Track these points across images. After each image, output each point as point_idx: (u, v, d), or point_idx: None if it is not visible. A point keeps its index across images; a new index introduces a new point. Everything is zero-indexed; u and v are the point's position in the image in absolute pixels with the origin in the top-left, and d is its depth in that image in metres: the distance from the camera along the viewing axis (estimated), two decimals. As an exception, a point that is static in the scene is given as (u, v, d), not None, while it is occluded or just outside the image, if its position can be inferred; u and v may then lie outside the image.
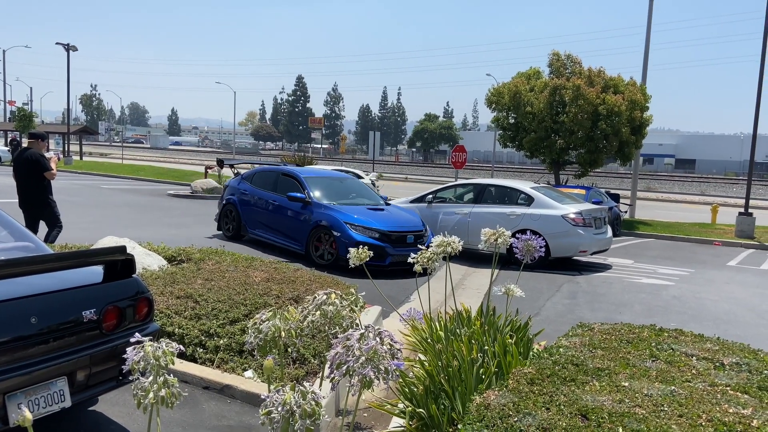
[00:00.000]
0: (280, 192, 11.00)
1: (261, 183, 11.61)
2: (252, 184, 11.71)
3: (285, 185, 11.06)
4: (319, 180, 11.31)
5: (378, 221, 10.03)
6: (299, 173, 11.26)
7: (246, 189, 11.68)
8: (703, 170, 74.64)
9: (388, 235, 9.79)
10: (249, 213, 11.45)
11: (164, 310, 5.31)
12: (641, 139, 21.21)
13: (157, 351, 1.93)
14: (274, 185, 11.31)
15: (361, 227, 9.79)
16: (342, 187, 11.61)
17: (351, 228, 9.75)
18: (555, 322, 7.20)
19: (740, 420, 2.72)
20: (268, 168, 12.38)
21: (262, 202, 11.23)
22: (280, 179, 11.30)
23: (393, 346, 1.97)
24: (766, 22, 17.55)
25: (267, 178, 11.64)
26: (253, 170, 12.22)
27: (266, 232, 10.99)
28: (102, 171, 32.55)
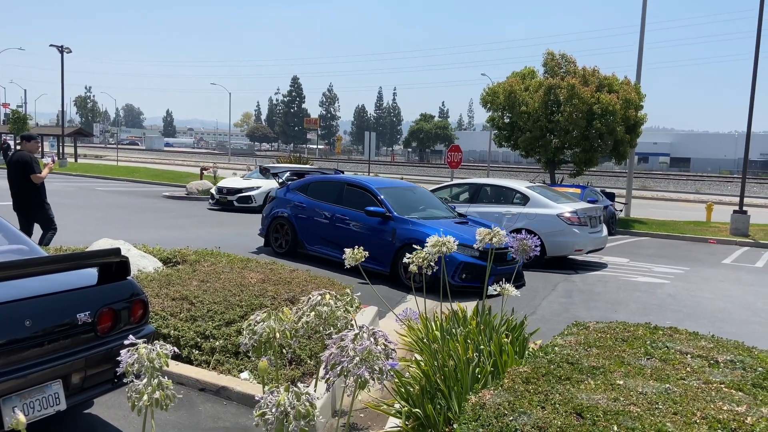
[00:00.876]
0: (348, 205, 9.94)
1: (320, 194, 10.50)
2: (308, 195, 10.62)
3: (352, 197, 10.00)
4: (393, 191, 10.27)
5: (469, 237, 9.00)
6: (371, 184, 10.21)
7: (301, 201, 10.56)
8: (698, 169, 74.89)
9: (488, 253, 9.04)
10: (307, 227, 10.36)
11: (159, 312, 5.30)
12: (636, 138, 21.27)
13: (151, 353, 1.93)
14: (337, 197, 10.22)
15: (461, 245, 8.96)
16: (414, 198, 10.60)
17: None
18: (551, 321, 7.21)
19: (734, 417, 2.74)
20: (327, 178, 11.19)
21: (324, 216, 10.14)
22: (346, 190, 10.21)
23: (387, 346, 1.98)
24: (759, 20, 17.62)
25: (327, 189, 10.53)
26: (305, 180, 11.08)
27: (332, 249, 9.85)
28: (97, 173, 32.46)
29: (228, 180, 20.91)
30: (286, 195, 11.01)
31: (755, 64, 17.92)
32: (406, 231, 9.13)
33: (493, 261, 8.47)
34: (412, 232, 9.05)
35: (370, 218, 9.47)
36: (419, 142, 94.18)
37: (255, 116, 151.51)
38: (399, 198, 10.07)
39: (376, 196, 9.77)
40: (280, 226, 10.81)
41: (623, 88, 20.57)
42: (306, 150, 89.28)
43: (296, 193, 10.87)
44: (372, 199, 9.72)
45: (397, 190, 10.53)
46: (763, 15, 17.53)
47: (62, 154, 42.16)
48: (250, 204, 18.86)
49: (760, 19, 17.61)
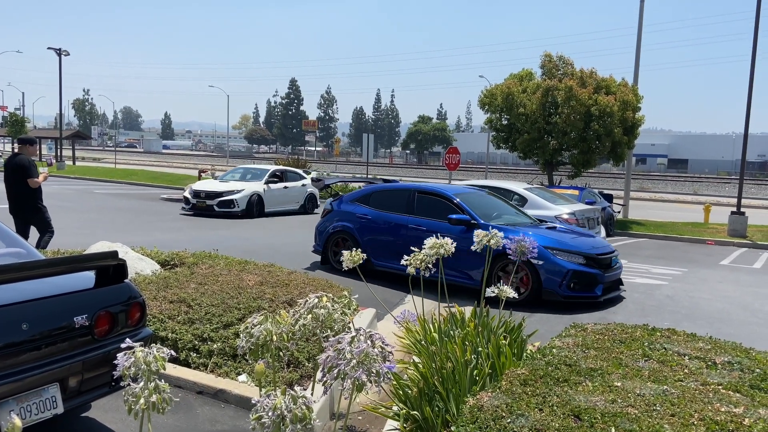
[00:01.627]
0: (421, 214, 9.20)
1: (385, 205, 9.70)
2: (371, 206, 9.81)
3: (426, 206, 9.29)
4: (468, 197, 9.50)
5: (576, 243, 8.41)
6: (446, 191, 9.51)
7: (365, 213, 9.75)
8: (696, 170, 75.02)
9: (595, 260, 8.25)
10: (374, 241, 9.52)
11: (157, 315, 5.29)
12: (633, 140, 21.31)
13: (148, 356, 1.92)
14: (408, 206, 9.45)
15: (566, 252, 8.12)
16: (488, 203, 9.82)
17: (555, 254, 8.09)
18: (549, 323, 7.21)
19: (732, 419, 2.74)
20: (392, 186, 10.43)
21: (394, 228, 9.40)
22: (418, 199, 9.47)
23: (384, 348, 1.97)
24: (756, 22, 17.67)
25: (394, 199, 9.75)
26: (366, 190, 10.27)
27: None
28: (95, 175, 32.42)
29: (204, 182, 18.89)
30: (342, 207, 10.12)
31: (752, 65, 17.97)
32: None
33: (602, 267, 8.15)
34: None
35: (451, 227, 8.66)
36: (417, 143, 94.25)
37: (253, 118, 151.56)
38: (477, 204, 9.33)
39: (454, 202, 9.04)
40: (341, 241, 9.90)
41: (621, 90, 20.62)
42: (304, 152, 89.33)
43: (356, 204, 10.04)
44: (450, 207, 9.00)
45: (471, 195, 9.73)
46: (760, 17, 17.58)
47: (60, 157, 42.12)
48: (232, 209, 17.13)
49: (757, 21, 17.66)
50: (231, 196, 17.27)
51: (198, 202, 17.39)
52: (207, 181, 19.02)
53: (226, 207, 17.14)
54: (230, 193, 17.33)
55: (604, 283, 8.13)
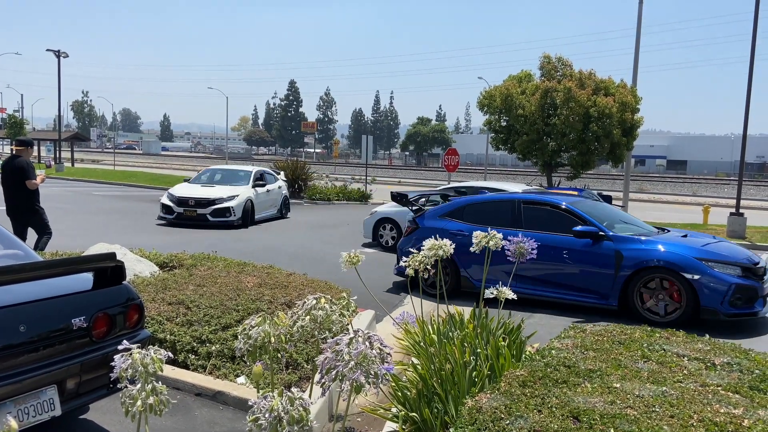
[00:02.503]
0: (531, 227, 8.23)
1: (484, 219, 8.65)
2: (465, 221, 8.80)
3: (535, 218, 8.40)
4: (583, 205, 8.60)
5: (729, 253, 7.65)
6: (558, 200, 8.59)
7: (460, 229, 8.64)
8: (695, 171, 75.11)
9: (752, 270, 7.38)
10: (475, 261, 8.36)
11: (156, 317, 5.28)
12: (632, 141, 21.32)
13: (146, 358, 1.92)
14: (513, 219, 8.49)
15: (723, 263, 7.29)
16: (605, 210, 9.02)
17: (712, 266, 7.19)
18: (548, 324, 7.20)
19: (731, 420, 2.73)
20: (490, 198, 9.54)
21: None
22: (525, 210, 8.51)
23: (383, 350, 1.97)
24: (754, 23, 17.70)
25: (494, 211, 8.79)
26: (457, 203, 9.30)
27: (516, 282, 7.91)
28: (94, 177, 32.41)
29: (184, 187, 16.25)
30: (429, 224, 9.06)
31: (751, 66, 17.99)
32: (637, 252, 7.49)
33: (759, 278, 7.35)
34: (648, 253, 7.44)
35: (574, 241, 7.84)
36: (416, 145, 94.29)
37: (252, 120, 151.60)
38: (594, 212, 8.37)
39: (572, 212, 8.13)
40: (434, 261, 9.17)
41: (619, 91, 20.64)
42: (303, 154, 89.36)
43: (447, 220, 8.99)
44: (566, 217, 8.13)
45: (584, 203, 8.78)
46: (758, 18, 17.60)
47: (59, 159, 42.09)
48: (228, 218, 15.04)
49: (755, 23, 17.69)
50: (226, 203, 15.10)
51: (186, 210, 14.99)
52: (187, 186, 16.36)
53: (221, 216, 15.02)
54: (224, 200, 15.14)
55: (763, 296, 7.29)
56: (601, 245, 7.73)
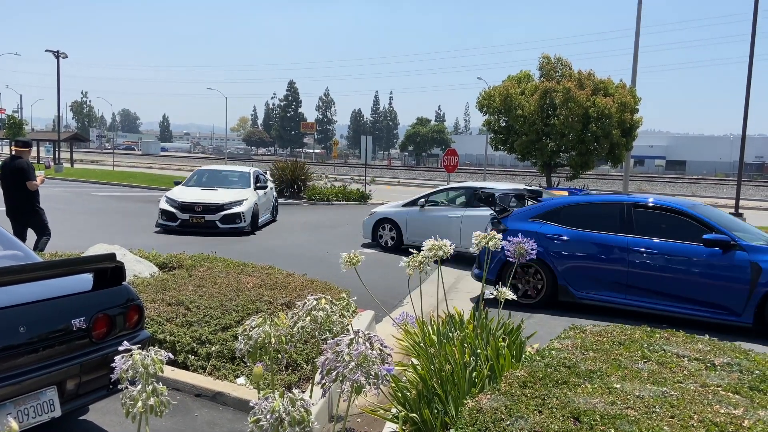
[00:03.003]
0: (647, 234, 7.60)
1: (588, 222, 8.05)
2: (563, 224, 8.16)
3: (650, 223, 7.73)
4: (706, 210, 8.02)
5: None
6: (678, 204, 7.94)
7: (558, 233, 8.09)
8: (694, 171, 75.17)
9: None
10: (576, 268, 7.92)
11: (155, 318, 5.27)
12: (632, 141, 21.35)
13: (146, 359, 1.92)
14: (623, 224, 7.79)
15: None
16: (724, 216, 8.29)
17: None
18: (548, 325, 7.20)
19: (732, 420, 2.73)
20: (593, 200, 8.88)
21: (609, 252, 7.75)
22: (636, 214, 7.81)
23: (383, 350, 1.97)
24: (753, 24, 17.72)
25: (599, 215, 8.12)
26: (552, 203, 8.69)
27: (627, 294, 7.63)
28: (93, 178, 32.39)
29: (183, 191, 14.67)
30: (519, 226, 8.33)
31: (750, 66, 18.01)
32: None
33: None
34: None
35: (699, 250, 7.24)
36: (416, 145, 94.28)
37: (251, 121, 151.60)
38: (720, 219, 7.75)
39: (697, 219, 7.48)
40: (524, 269, 8.21)
41: (618, 92, 20.67)
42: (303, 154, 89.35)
43: (541, 222, 8.32)
44: (691, 223, 7.48)
45: (704, 208, 8.18)
46: (757, 18, 17.63)
47: (58, 159, 42.07)
48: (238, 224, 13.88)
49: (754, 23, 17.70)
50: (236, 208, 13.91)
51: (193, 217, 13.66)
52: (188, 190, 14.82)
53: (231, 222, 13.82)
54: (233, 204, 13.97)
55: None
56: (733, 256, 7.10)
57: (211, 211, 13.76)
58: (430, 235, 4.66)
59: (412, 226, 12.55)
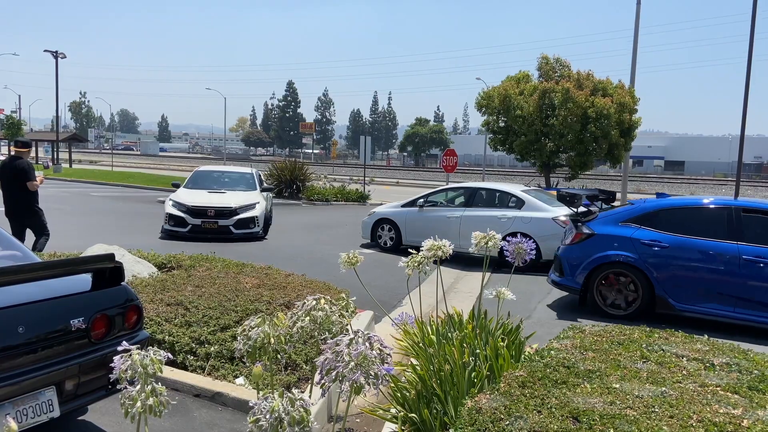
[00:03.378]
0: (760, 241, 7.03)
1: (689, 227, 7.46)
2: (660, 229, 7.56)
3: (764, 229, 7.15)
4: None
5: None
6: None
7: (655, 239, 7.47)
8: (692, 171, 75.28)
9: None
10: (677, 278, 7.35)
11: (154, 318, 5.27)
12: (630, 142, 21.38)
13: (145, 359, 1.91)
14: (731, 231, 7.21)
15: None
16: None
17: None
18: (547, 325, 7.20)
19: (731, 420, 2.74)
20: (694, 202, 8.09)
21: (715, 261, 7.16)
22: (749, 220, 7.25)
23: (382, 350, 1.97)
24: (752, 24, 17.74)
25: (702, 219, 7.55)
26: (647, 206, 8.01)
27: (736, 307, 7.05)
28: (92, 178, 32.36)
29: (189, 194, 13.62)
30: (608, 230, 7.88)
31: (748, 67, 18.03)
32: None
33: None
34: None
35: None
36: (415, 146, 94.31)
37: (250, 121, 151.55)
38: None
39: None
40: (615, 277, 7.69)
41: (617, 92, 20.69)
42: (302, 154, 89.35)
43: (633, 227, 7.72)
44: None
45: None
46: (755, 19, 17.65)
47: (57, 160, 42.04)
48: (252, 229, 13.12)
49: (753, 24, 17.72)
50: (249, 212, 13.10)
51: (205, 222, 12.74)
52: (195, 193, 13.71)
53: (245, 227, 12.99)
54: (246, 208, 13.14)
55: None
56: None
57: (225, 216, 12.84)
58: (429, 236, 4.66)
59: (411, 226, 12.56)
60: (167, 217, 12.99)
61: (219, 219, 12.83)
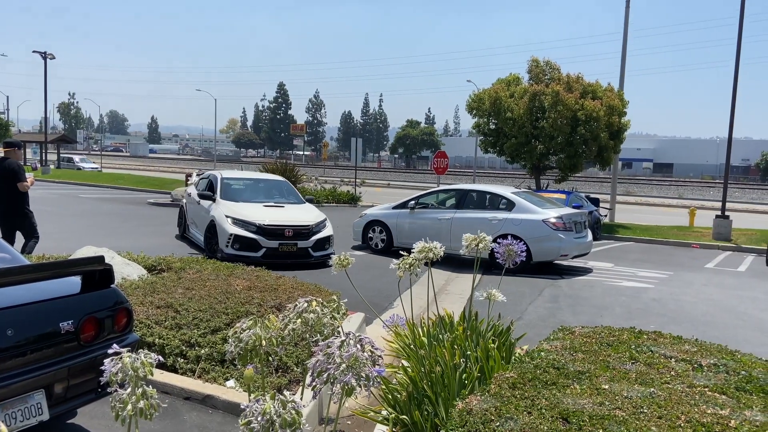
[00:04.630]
0: None
1: None
2: None
3: None
4: None
5: None
6: None
7: None
8: (681, 174, 75.89)
9: None
10: None
11: (144, 320, 5.25)
12: (619, 144, 21.51)
13: (135, 362, 1.91)
14: None
15: None
16: None
17: None
18: (537, 326, 7.24)
19: (718, 421, 2.76)
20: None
21: None
22: None
23: (374, 352, 1.97)
24: (739, 28, 17.92)
25: None
26: None
27: None
28: (80, 180, 32.14)
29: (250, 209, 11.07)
30: None
31: (736, 70, 18.21)
32: None
33: None
34: None
35: None
36: (406, 148, 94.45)
37: (241, 122, 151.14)
38: None
39: None
40: None
41: (607, 95, 20.83)
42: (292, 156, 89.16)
43: None
44: None
45: None
46: (743, 23, 17.83)
47: (45, 161, 41.71)
48: (327, 251, 10.97)
49: (740, 27, 17.91)
50: (324, 231, 11.12)
51: (283, 245, 10.46)
52: (251, 207, 11.19)
53: (322, 249, 10.95)
54: (320, 226, 11.11)
55: None
56: None
57: (304, 236, 10.67)
58: (420, 237, 4.67)
59: (402, 228, 12.57)
60: (230, 238, 10.34)
61: (298, 240, 10.56)
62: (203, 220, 11.44)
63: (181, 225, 13.61)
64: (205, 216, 11.30)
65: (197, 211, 12.17)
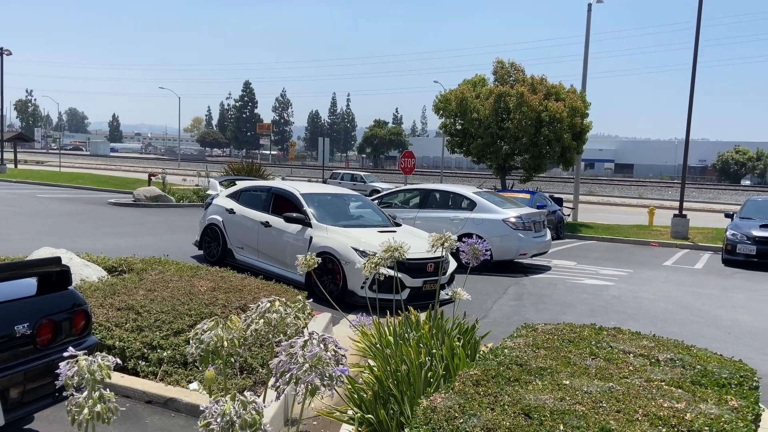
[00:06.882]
0: None
1: None
2: None
3: None
4: None
5: None
6: None
7: None
8: (641, 174, 77.80)
9: None
10: None
11: (104, 323, 5.13)
12: (582, 145, 21.94)
13: (92, 365, 1.86)
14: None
15: None
16: None
17: None
18: (502, 324, 7.33)
19: (674, 414, 2.84)
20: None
21: None
22: None
23: (337, 351, 1.97)
24: (696, 32, 18.46)
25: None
26: None
27: None
28: (38, 179, 31.19)
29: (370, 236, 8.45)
30: None
31: (693, 73, 18.75)
32: None
33: None
34: None
35: None
36: (373, 148, 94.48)
37: (206, 121, 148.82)
38: None
39: None
40: None
41: (569, 97, 21.21)
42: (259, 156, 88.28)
43: None
44: None
45: None
46: (700, 27, 18.37)
47: (1, 160, 40.34)
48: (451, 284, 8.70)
49: (697, 32, 18.45)
50: (451, 264, 8.83)
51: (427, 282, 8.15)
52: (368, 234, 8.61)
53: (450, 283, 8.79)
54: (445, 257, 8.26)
55: None
56: None
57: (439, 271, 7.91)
58: (386, 237, 4.67)
59: (369, 228, 12.53)
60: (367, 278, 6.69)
61: (436, 276, 8.16)
62: (285, 247, 8.92)
63: (211, 244, 10.37)
64: (294, 243, 8.77)
65: (265, 234, 9.32)
